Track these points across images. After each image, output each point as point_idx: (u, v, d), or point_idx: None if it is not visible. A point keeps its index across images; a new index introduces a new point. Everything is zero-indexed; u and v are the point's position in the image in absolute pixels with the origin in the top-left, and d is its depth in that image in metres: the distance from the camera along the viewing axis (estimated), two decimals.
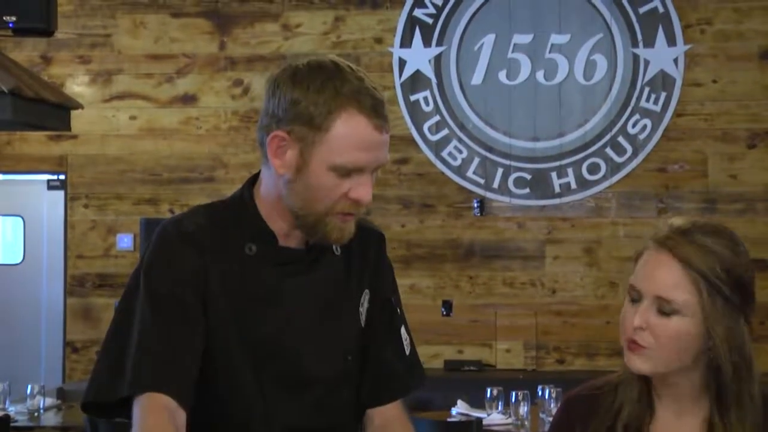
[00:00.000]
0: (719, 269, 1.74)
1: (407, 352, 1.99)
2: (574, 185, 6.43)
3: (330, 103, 1.80)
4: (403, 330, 1.99)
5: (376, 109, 1.82)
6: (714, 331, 1.74)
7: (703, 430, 1.80)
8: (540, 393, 4.80)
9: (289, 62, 1.86)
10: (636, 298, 1.77)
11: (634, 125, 6.41)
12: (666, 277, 1.75)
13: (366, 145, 1.82)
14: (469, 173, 6.49)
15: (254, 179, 1.95)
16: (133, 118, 6.64)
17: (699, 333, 1.75)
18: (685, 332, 1.75)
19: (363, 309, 1.96)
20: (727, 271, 1.75)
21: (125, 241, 6.60)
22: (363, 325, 1.95)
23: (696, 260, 1.74)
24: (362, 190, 1.84)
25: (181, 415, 1.81)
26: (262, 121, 1.86)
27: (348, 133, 1.80)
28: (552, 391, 4.73)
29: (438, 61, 6.50)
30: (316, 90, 1.80)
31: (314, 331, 1.90)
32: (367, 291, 1.96)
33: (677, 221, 1.80)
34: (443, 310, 6.47)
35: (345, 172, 1.82)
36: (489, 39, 6.46)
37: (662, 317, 1.75)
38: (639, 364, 1.76)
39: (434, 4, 6.49)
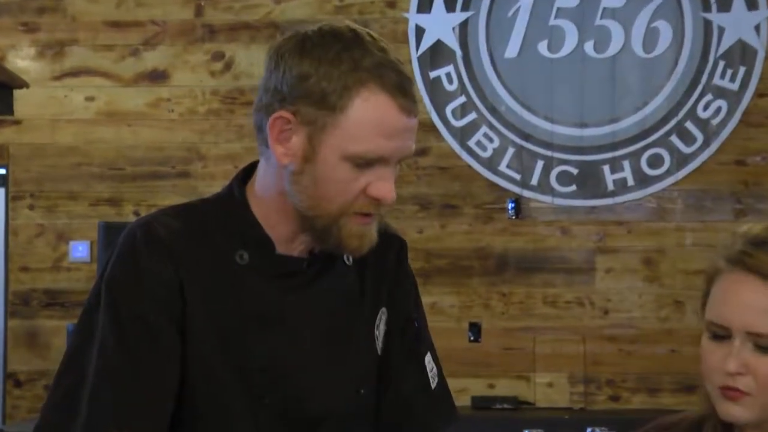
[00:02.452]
0: None
1: (433, 385, 2.00)
2: (630, 182, 6.43)
3: (346, 78, 1.80)
4: (428, 357, 2.00)
5: (402, 87, 1.83)
6: None
7: None
8: None
9: (296, 30, 1.86)
10: (721, 335, 1.76)
11: (705, 107, 6.40)
12: (755, 306, 1.75)
13: (389, 130, 1.82)
14: (502, 167, 6.49)
15: (246, 174, 1.95)
16: (89, 99, 6.66)
17: None
18: None
19: (379, 332, 1.97)
20: None
21: (80, 250, 6.61)
22: (379, 351, 1.95)
23: None
24: (384, 186, 1.85)
25: None
26: (260, 99, 1.87)
27: (368, 114, 1.81)
28: None
29: (464, 30, 6.51)
30: (330, 62, 1.81)
31: (320, 359, 1.91)
32: (384, 310, 1.97)
33: (752, 230, 1.80)
34: (470, 334, 6.47)
35: (363, 163, 1.83)
36: (526, 2, 6.46)
37: (762, 355, 1.74)
38: (740, 414, 1.76)
39: None
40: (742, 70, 6.40)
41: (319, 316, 1.92)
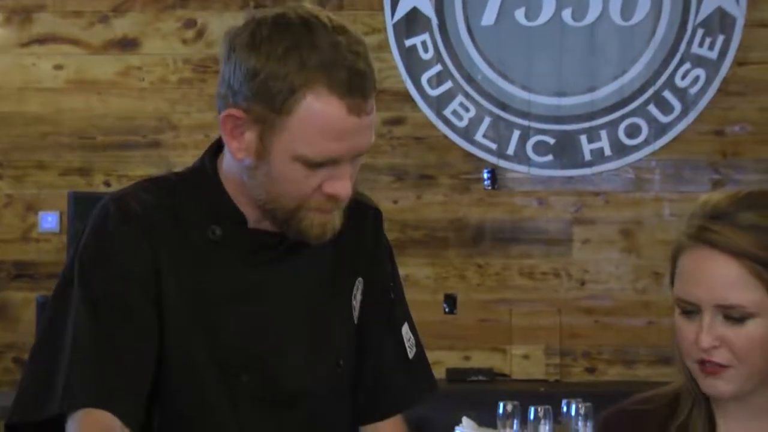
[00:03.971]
0: None
1: (411, 355, 2.01)
2: (608, 151, 6.46)
3: (293, 79, 1.79)
4: (405, 328, 2.02)
5: (352, 86, 1.81)
6: None
7: None
8: (565, 409, 4.83)
9: (253, 15, 1.85)
10: (691, 311, 1.78)
11: (683, 76, 6.43)
12: (720, 278, 1.77)
13: (337, 133, 1.81)
14: (478, 136, 6.50)
15: (217, 146, 1.96)
16: (58, 67, 6.64)
17: None
18: (765, 335, 1.78)
19: (356, 301, 1.98)
20: None
21: (49, 221, 6.60)
22: (356, 321, 1.97)
23: (750, 247, 1.77)
24: (338, 184, 1.84)
25: None
26: (219, 87, 1.87)
27: (315, 118, 1.80)
28: (580, 406, 4.76)
29: None
30: (278, 59, 1.80)
31: (298, 333, 1.93)
32: (360, 279, 1.98)
33: (710, 202, 1.81)
34: (446, 306, 6.50)
35: (314, 164, 1.82)
36: None
37: (734, 326, 1.76)
38: (724, 387, 1.78)
39: None
40: (720, 38, 6.42)
41: (295, 290, 1.93)
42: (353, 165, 1.87)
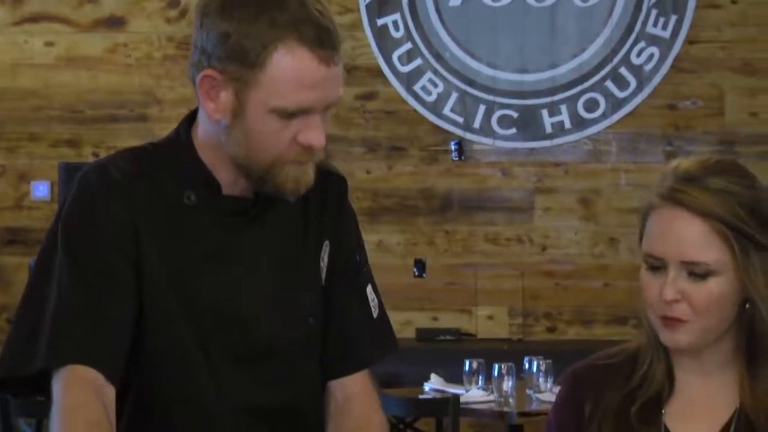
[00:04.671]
0: (742, 211, 1.79)
1: (375, 315, 2.02)
2: (568, 125, 6.47)
3: (264, 36, 1.82)
4: (369, 289, 2.03)
5: (321, 39, 1.83)
6: (752, 281, 1.79)
7: (732, 400, 1.84)
8: (527, 366, 4.87)
9: None
10: (657, 266, 1.80)
11: (638, 54, 6.44)
12: (687, 236, 1.78)
13: (310, 81, 1.83)
14: (446, 111, 6.50)
15: (192, 117, 1.96)
16: (49, 44, 6.60)
17: (737, 290, 1.80)
18: (723, 292, 1.79)
19: (324, 263, 1.99)
20: (750, 211, 1.79)
21: (41, 190, 6.59)
22: (323, 282, 1.98)
23: (716, 208, 1.78)
24: (312, 133, 1.86)
25: (110, 392, 1.84)
26: (192, 56, 1.87)
27: (287, 69, 1.82)
28: (541, 363, 4.80)
29: None
30: (249, 21, 1.82)
31: (268, 292, 1.93)
32: (327, 242, 1.99)
33: (681, 166, 1.83)
34: (415, 270, 6.51)
35: (289, 114, 1.84)
36: None
37: (696, 282, 1.78)
38: (680, 338, 1.80)
39: None
40: (673, 18, 6.43)
41: (266, 252, 1.94)
42: (323, 117, 1.88)
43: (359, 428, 1.98)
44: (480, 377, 4.91)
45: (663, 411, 1.84)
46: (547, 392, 4.75)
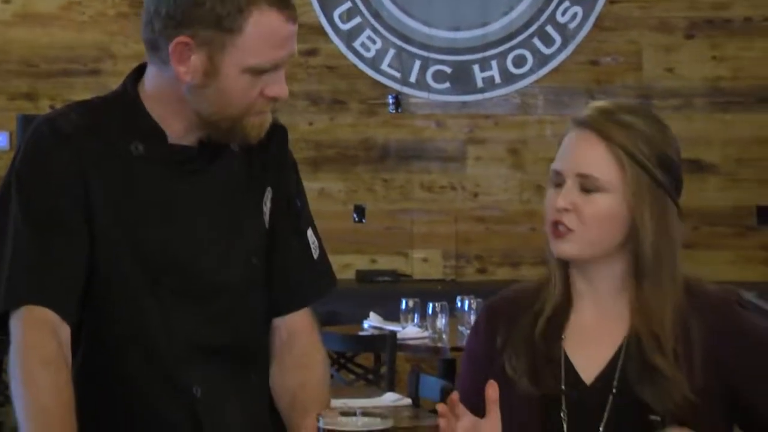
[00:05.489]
0: (644, 147, 1.82)
1: (315, 256, 2.02)
2: (498, 79, 6.47)
3: (239, 1, 1.82)
4: (310, 232, 2.03)
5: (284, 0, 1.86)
6: (639, 209, 1.82)
7: (624, 327, 1.86)
8: (459, 304, 4.89)
9: None
10: (559, 182, 1.83)
11: (563, 13, 6.44)
12: (587, 154, 1.83)
13: (280, 40, 1.87)
14: (384, 66, 6.48)
15: (137, 73, 1.94)
16: (5, 2, 6.49)
17: (624, 213, 1.83)
18: (609, 210, 1.82)
19: (266, 208, 1.99)
20: (652, 149, 1.83)
21: (0, 140, 6.50)
22: (267, 225, 1.97)
23: (619, 137, 1.82)
24: (278, 87, 1.89)
25: (65, 330, 1.84)
26: (150, 21, 1.86)
27: (262, 31, 1.84)
28: (472, 302, 4.82)
29: None
30: None
31: (214, 235, 1.93)
32: (269, 189, 1.99)
33: (599, 102, 1.89)
34: (355, 216, 6.51)
35: (261, 71, 1.86)
36: None
37: (586, 195, 1.81)
38: (566, 247, 1.83)
39: None
40: None
41: (211, 198, 1.94)
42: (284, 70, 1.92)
43: (302, 363, 1.99)
44: (416, 315, 4.94)
45: (563, 336, 1.87)
46: None
